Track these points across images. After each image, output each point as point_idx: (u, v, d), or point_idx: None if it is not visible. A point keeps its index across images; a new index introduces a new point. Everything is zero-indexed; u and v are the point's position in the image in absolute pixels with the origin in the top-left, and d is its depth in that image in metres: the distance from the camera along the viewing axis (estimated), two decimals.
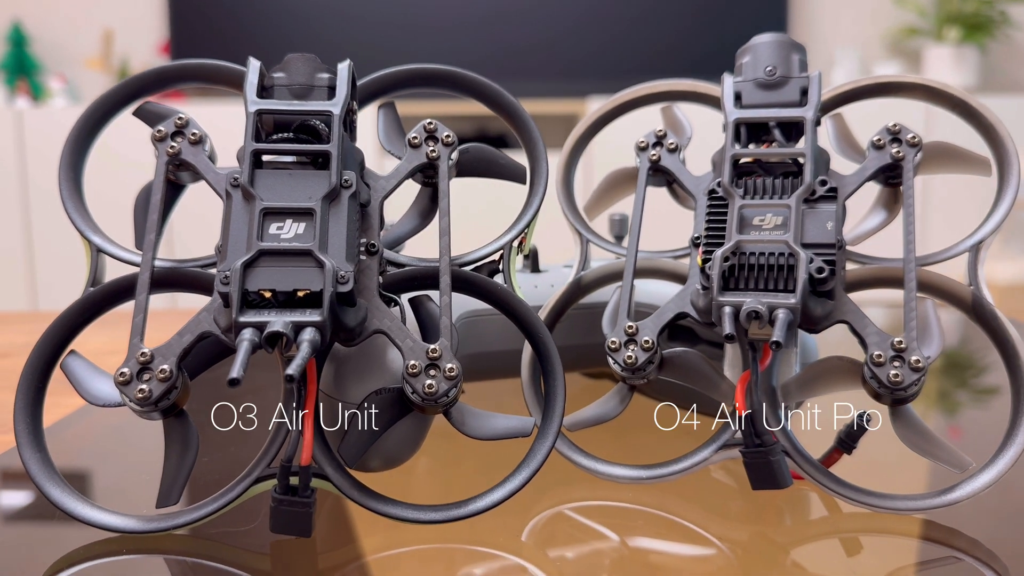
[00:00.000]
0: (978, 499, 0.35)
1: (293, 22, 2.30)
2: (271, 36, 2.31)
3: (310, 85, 0.36)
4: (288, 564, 0.33)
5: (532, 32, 2.32)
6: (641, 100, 0.46)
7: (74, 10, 2.38)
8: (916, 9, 2.30)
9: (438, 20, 2.31)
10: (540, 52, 2.32)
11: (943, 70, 2.21)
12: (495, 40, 2.31)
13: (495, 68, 2.23)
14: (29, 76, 2.31)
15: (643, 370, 0.38)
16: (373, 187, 0.37)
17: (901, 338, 0.35)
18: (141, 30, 2.39)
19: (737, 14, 2.30)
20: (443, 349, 0.33)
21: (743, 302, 0.35)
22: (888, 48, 2.44)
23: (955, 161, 0.41)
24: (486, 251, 0.38)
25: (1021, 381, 0.36)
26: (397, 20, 2.29)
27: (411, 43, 2.28)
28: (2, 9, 2.35)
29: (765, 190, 0.38)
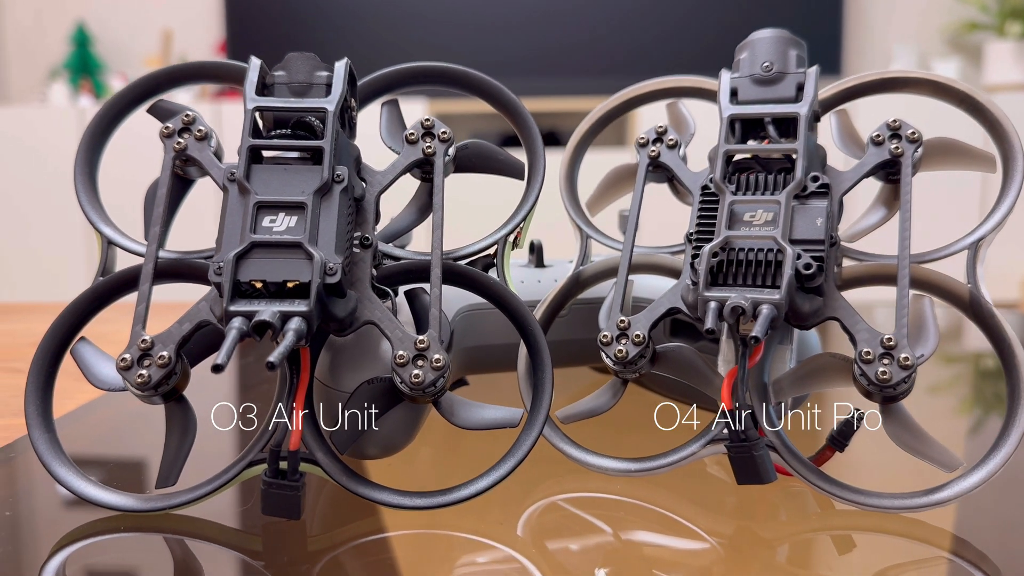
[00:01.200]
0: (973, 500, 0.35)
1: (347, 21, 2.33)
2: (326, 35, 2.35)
3: (309, 83, 0.37)
4: (278, 545, 0.34)
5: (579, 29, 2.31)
6: (646, 97, 0.46)
7: (135, 11, 2.45)
8: (978, 3, 2.24)
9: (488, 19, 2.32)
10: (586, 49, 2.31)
11: (1005, 66, 2.15)
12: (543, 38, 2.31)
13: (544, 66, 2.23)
14: (92, 75, 2.38)
15: (634, 364, 0.38)
16: (370, 182, 0.38)
17: (891, 335, 0.35)
18: (199, 30, 2.45)
19: (792, 10, 2.27)
20: (431, 340, 0.34)
21: (728, 297, 0.35)
22: (948, 43, 2.38)
23: (959, 157, 0.40)
24: (480, 245, 0.39)
25: (1016, 381, 0.36)
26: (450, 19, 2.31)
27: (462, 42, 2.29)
28: (67, 11, 2.43)
29: (757, 186, 0.38)
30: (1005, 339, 0.36)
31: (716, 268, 0.36)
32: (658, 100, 0.46)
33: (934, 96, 0.42)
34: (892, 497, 0.35)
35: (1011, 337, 0.36)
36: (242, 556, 0.34)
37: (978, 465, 0.35)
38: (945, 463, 0.35)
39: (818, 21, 2.25)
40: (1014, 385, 0.36)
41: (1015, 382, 0.36)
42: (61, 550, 0.34)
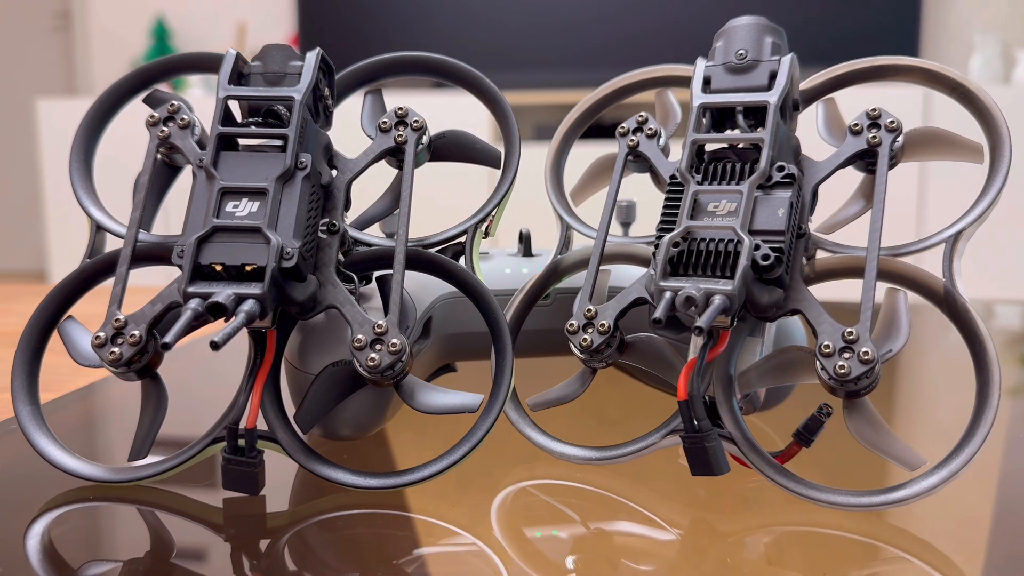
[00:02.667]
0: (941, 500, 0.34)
1: (419, 14, 2.35)
2: (397, 28, 2.38)
3: (283, 73, 0.38)
4: (238, 519, 0.36)
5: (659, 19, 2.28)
6: (634, 87, 0.46)
7: (212, 5, 2.52)
8: None
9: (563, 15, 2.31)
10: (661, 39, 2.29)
11: None
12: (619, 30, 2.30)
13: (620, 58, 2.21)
14: None
15: (600, 353, 0.38)
16: (341, 169, 0.39)
17: (852, 329, 0.34)
18: (273, 23, 2.51)
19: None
20: (389, 325, 0.35)
21: (683, 287, 0.34)
22: None
23: (946, 147, 0.39)
24: (451, 233, 0.40)
25: (985, 380, 0.34)
26: (522, 15, 2.31)
27: (535, 39, 2.28)
28: (147, 5, 2.52)
29: (724, 176, 0.37)
30: (978, 336, 0.35)
31: (676, 258, 0.36)
32: (647, 90, 0.46)
33: (925, 84, 0.41)
34: (849, 494, 0.34)
35: (983, 334, 0.35)
36: (204, 528, 0.35)
37: (940, 465, 0.34)
38: (907, 461, 0.34)
39: (895, 8, 2.17)
40: (983, 383, 0.34)
41: (984, 380, 0.34)
42: (39, 518, 0.35)
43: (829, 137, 0.41)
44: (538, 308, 0.44)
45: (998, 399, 0.34)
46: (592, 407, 0.52)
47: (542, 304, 0.45)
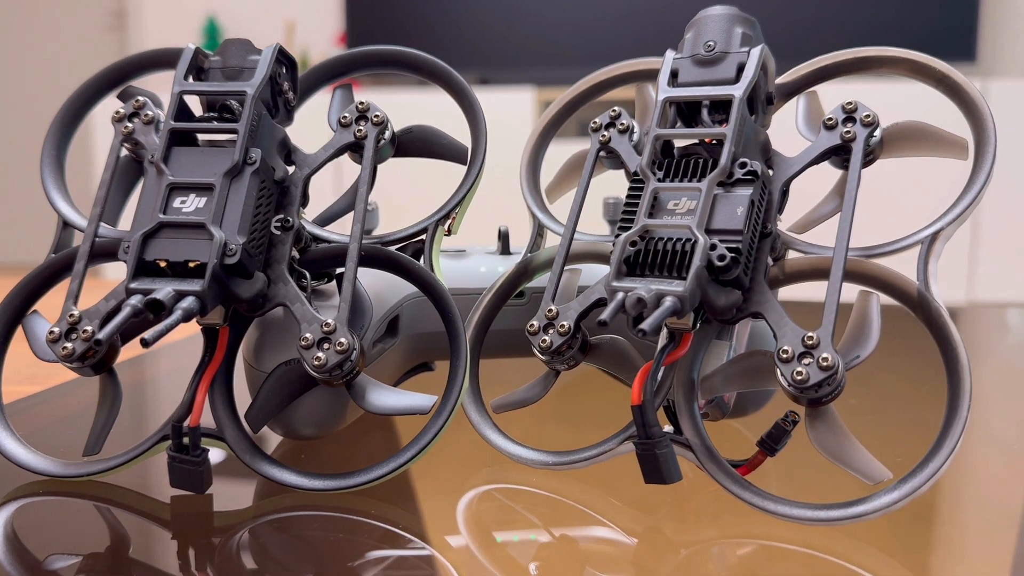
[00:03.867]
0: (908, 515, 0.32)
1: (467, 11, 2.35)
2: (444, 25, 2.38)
3: (241, 67, 0.38)
4: (185, 517, 0.35)
5: None
6: (616, 80, 0.45)
7: (261, 4, 2.56)
8: None
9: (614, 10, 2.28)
10: None
11: None
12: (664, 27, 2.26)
13: None
14: None
15: (561, 355, 0.37)
16: (299, 164, 0.38)
17: (813, 333, 0.32)
18: (321, 21, 2.53)
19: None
20: (338, 323, 0.34)
21: (635, 288, 0.33)
22: None
23: (928, 142, 0.37)
24: (412, 230, 0.39)
25: (956, 390, 0.32)
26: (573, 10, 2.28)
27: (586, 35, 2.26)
28: (199, 5, 2.56)
29: (686, 173, 0.36)
30: (951, 343, 0.33)
31: (633, 258, 0.34)
32: (626, 84, 0.44)
33: (911, 76, 0.38)
34: (806, 508, 0.32)
35: (956, 341, 0.33)
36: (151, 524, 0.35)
37: (904, 479, 0.32)
38: (869, 474, 0.32)
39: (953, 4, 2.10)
40: (954, 394, 0.32)
41: (955, 391, 0.32)
42: None
43: (808, 132, 0.39)
44: (511, 307, 0.43)
45: (967, 411, 0.32)
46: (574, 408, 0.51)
47: (515, 303, 0.44)
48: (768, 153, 0.37)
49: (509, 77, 2.12)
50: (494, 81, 2.17)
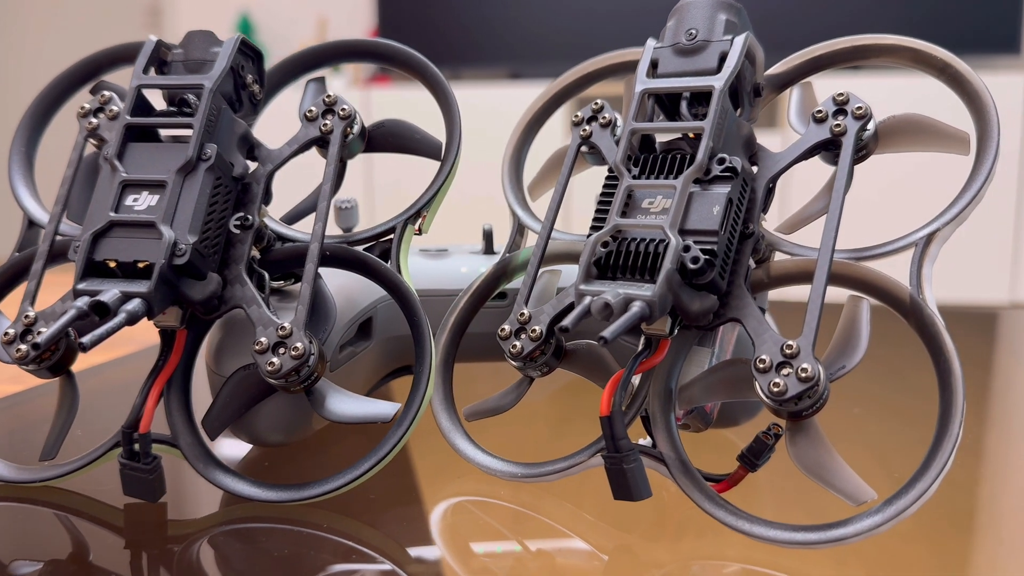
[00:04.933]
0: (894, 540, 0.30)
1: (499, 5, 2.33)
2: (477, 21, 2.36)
3: (203, 60, 0.37)
4: (139, 525, 0.34)
5: None
6: (603, 72, 0.43)
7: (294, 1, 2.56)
8: None
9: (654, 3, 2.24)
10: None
11: None
12: None
13: None
14: None
15: (534, 361, 0.35)
16: (263, 160, 0.37)
17: (793, 342, 0.30)
18: (353, 17, 2.53)
19: None
20: (294, 327, 0.33)
21: (603, 292, 0.31)
22: None
23: (927, 136, 0.35)
24: (379, 229, 0.37)
25: (948, 404, 0.30)
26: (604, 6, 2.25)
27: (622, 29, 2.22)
28: (232, 2, 2.57)
29: (663, 169, 0.34)
30: (944, 354, 0.31)
31: (605, 260, 0.32)
32: (615, 76, 0.42)
33: (912, 66, 0.36)
34: (784, 529, 0.30)
35: (950, 352, 0.30)
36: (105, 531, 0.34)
37: (888, 501, 0.29)
38: (851, 495, 0.30)
39: None
40: (945, 409, 0.30)
41: (947, 405, 0.30)
42: None
43: (800, 126, 0.37)
44: (491, 310, 0.42)
45: (959, 428, 0.29)
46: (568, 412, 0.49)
47: (495, 305, 0.42)
48: (753, 148, 0.35)
49: (540, 72, 2.10)
50: (525, 76, 2.15)
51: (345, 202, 0.43)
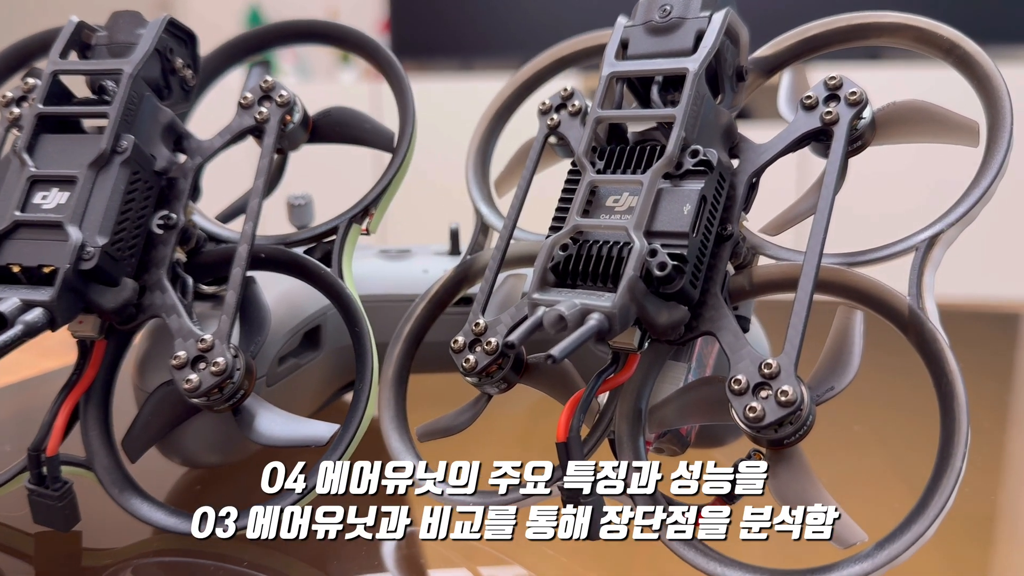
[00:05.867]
0: None
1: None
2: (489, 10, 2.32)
3: (129, 43, 0.33)
4: (51, 556, 0.31)
5: None
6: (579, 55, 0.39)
7: None
8: None
9: None
10: None
11: None
12: None
13: None
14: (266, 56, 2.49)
15: (490, 376, 0.31)
16: (193, 152, 0.33)
17: (772, 360, 0.26)
18: (364, 8, 2.50)
19: None
20: (216, 339, 0.29)
21: (558, 302, 0.27)
22: None
23: (930, 126, 0.31)
24: (321, 229, 0.34)
25: (950, 433, 0.26)
26: None
27: None
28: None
29: (630, 163, 0.30)
30: (946, 373, 0.27)
31: (564, 265, 0.29)
32: (594, 58, 0.38)
33: (915, 47, 0.32)
34: (759, 573, 0.26)
35: (953, 373, 0.26)
36: (18, 562, 0.31)
37: (880, 544, 0.26)
38: (839, 536, 0.26)
39: None
40: (947, 438, 0.26)
41: (948, 434, 0.26)
42: None
43: (789, 113, 0.33)
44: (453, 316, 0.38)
45: (962, 461, 0.25)
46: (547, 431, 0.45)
47: (456, 312, 0.38)
48: (733, 139, 0.31)
49: None
50: None
51: (298, 198, 0.40)
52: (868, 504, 0.34)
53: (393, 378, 0.35)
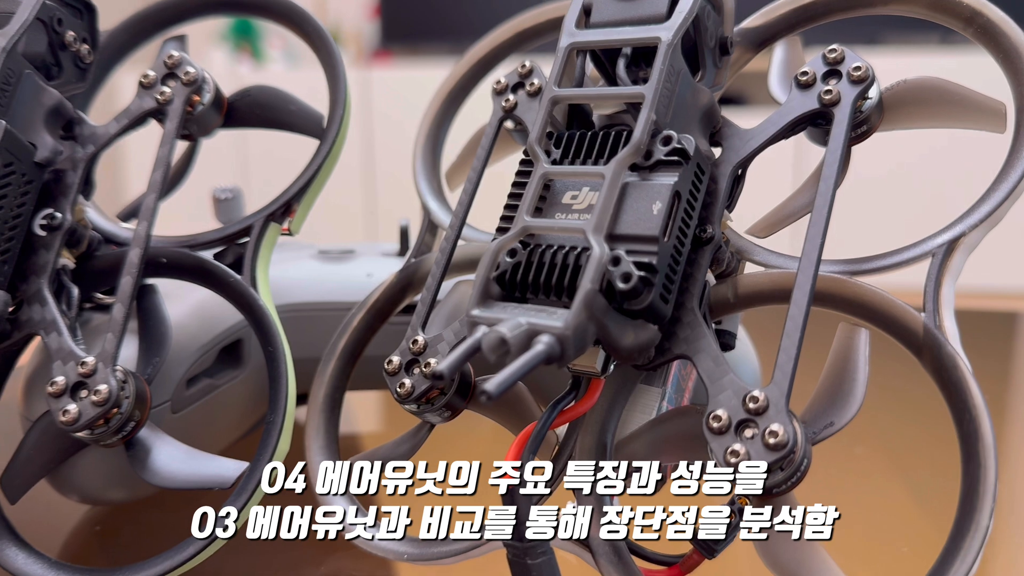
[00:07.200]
0: None
1: None
2: None
3: (7, 12, 0.28)
4: None
5: None
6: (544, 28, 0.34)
7: None
8: None
9: None
10: None
11: None
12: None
13: None
14: (252, 41, 2.43)
15: (431, 403, 0.27)
16: (85, 140, 0.29)
17: (759, 392, 0.22)
18: None
19: None
20: (99, 361, 0.25)
21: (500, 320, 0.23)
22: None
23: (950, 108, 0.26)
24: (233, 229, 0.29)
25: (973, 480, 0.21)
26: None
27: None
28: None
29: (591, 152, 0.25)
30: (968, 409, 0.22)
31: (511, 274, 0.24)
32: None
33: (930, 15, 0.27)
34: None
35: (977, 407, 0.22)
36: None
37: None
38: None
39: None
40: (970, 486, 0.21)
41: (972, 481, 0.21)
42: None
43: (782, 93, 0.28)
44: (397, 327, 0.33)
45: (989, 519, 0.21)
46: None
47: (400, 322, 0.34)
48: (715, 123, 0.26)
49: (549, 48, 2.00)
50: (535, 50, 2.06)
51: (225, 191, 0.35)
52: (869, 547, 0.29)
53: (324, 402, 0.30)
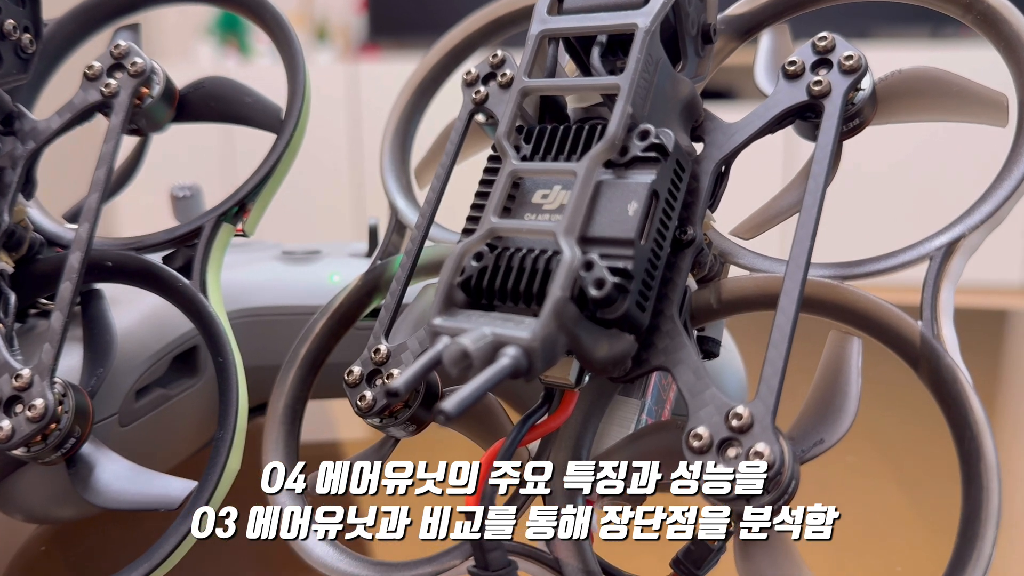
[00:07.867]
0: None
1: None
2: None
3: None
4: None
5: None
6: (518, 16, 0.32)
7: None
8: None
9: None
10: None
11: None
12: None
13: None
14: (239, 35, 2.40)
15: (394, 416, 0.25)
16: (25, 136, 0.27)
17: (742, 408, 0.20)
18: None
19: None
20: (35, 374, 0.23)
21: (463, 330, 0.21)
22: None
23: (948, 100, 0.24)
24: (182, 230, 0.27)
25: (975, 504, 0.20)
26: None
27: None
28: None
29: (562, 148, 0.23)
30: (970, 427, 0.20)
31: (477, 279, 0.22)
32: None
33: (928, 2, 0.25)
34: None
35: (979, 424, 0.20)
36: None
37: None
38: None
39: None
40: (972, 511, 0.20)
41: (973, 505, 0.20)
42: None
43: (768, 84, 0.26)
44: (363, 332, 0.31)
45: (992, 546, 0.19)
46: None
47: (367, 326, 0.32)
48: (696, 117, 0.24)
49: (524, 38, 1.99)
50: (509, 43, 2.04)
51: (183, 189, 0.33)
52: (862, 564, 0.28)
53: (283, 412, 0.29)
